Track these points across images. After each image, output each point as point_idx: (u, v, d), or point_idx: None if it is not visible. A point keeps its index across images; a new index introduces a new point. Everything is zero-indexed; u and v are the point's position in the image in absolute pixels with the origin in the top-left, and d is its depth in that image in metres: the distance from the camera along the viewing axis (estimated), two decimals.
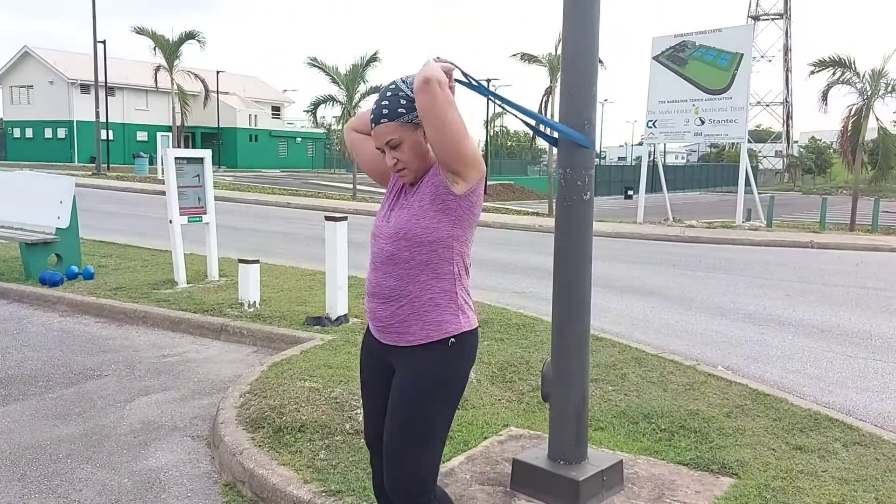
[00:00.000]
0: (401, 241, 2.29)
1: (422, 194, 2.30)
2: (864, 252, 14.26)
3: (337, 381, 4.63)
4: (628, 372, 5.23)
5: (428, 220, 2.26)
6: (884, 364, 6.03)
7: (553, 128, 3.34)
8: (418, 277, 2.29)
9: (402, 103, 2.26)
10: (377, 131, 2.30)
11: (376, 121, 2.29)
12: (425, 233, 2.26)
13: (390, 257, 2.32)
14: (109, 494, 3.55)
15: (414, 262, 2.28)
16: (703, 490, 3.42)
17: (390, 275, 2.32)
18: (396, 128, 2.27)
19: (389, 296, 2.32)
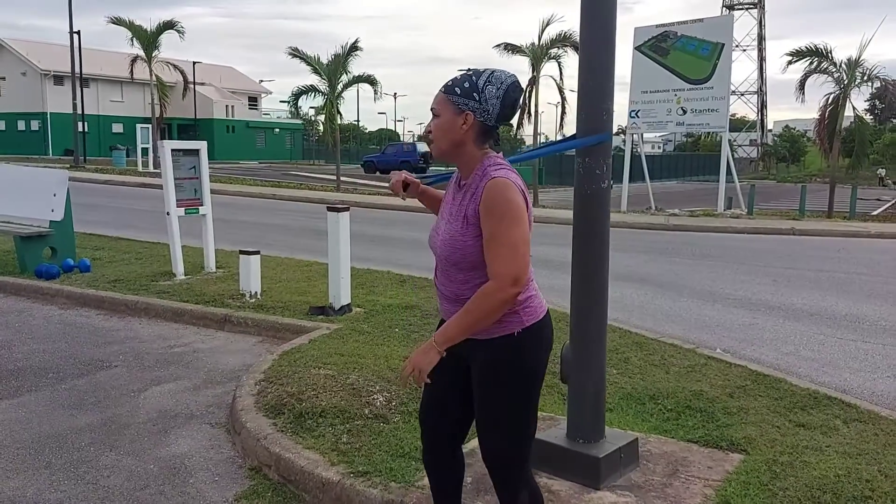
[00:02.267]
0: (449, 264, 2.40)
1: (462, 214, 2.35)
2: (844, 238, 14.58)
3: (351, 369, 4.72)
4: (630, 356, 5.37)
5: (468, 247, 2.33)
6: (873, 346, 6.24)
7: (569, 147, 3.47)
8: (470, 296, 2.34)
9: (464, 86, 2.32)
10: (437, 96, 2.40)
11: (442, 88, 2.39)
12: (465, 257, 2.34)
13: (445, 270, 2.44)
14: (138, 480, 3.62)
15: (468, 284, 2.37)
16: (715, 465, 3.57)
17: (450, 282, 2.43)
18: (442, 100, 2.35)
19: (452, 298, 2.44)
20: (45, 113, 48.61)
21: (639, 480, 3.39)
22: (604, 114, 3.30)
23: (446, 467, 2.74)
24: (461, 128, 2.33)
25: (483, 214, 2.28)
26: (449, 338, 2.29)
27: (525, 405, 2.46)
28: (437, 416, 2.64)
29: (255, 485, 3.59)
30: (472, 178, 2.38)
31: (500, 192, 2.26)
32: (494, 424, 2.45)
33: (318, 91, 26.08)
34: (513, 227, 2.24)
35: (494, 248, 2.25)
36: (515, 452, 2.48)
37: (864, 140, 22.00)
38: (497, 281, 2.23)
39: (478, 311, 2.26)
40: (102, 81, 50.85)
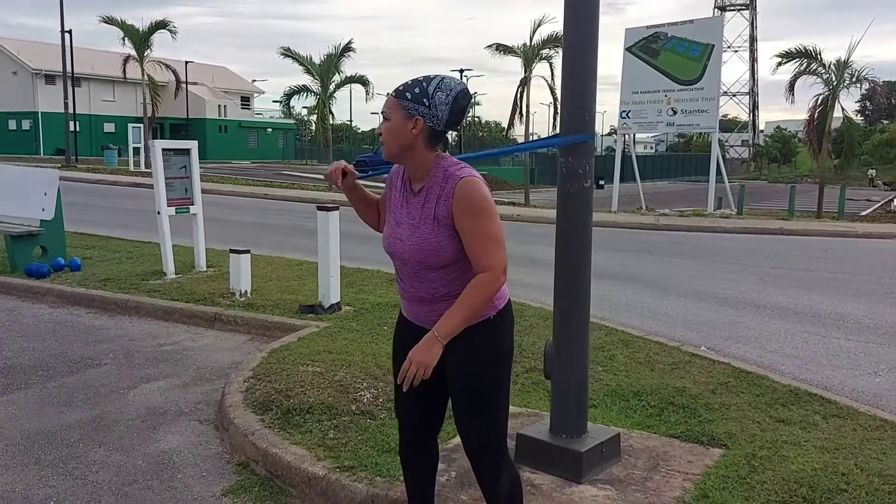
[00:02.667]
0: (422, 267, 2.45)
1: (432, 216, 2.40)
2: (832, 238, 14.71)
3: (339, 366, 4.77)
4: (616, 353, 5.44)
5: (443, 247, 2.39)
6: (856, 343, 6.32)
7: (550, 145, 3.53)
8: (450, 290, 2.45)
9: (414, 91, 2.37)
10: (387, 99, 2.45)
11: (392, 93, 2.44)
12: (441, 258, 2.41)
13: (415, 273, 2.49)
14: (126, 475, 3.67)
15: (442, 280, 2.46)
16: (696, 460, 3.64)
17: (421, 283, 2.49)
18: (393, 104, 2.39)
19: (427, 298, 2.50)
20: (36, 112, 48.42)
21: (620, 474, 3.45)
22: (586, 114, 3.36)
23: (423, 460, 2.81)
24: (411, 132, 2.38)
25: (460, 214, 2.35)
26: (452, 330, 2.36)
27: (506, 384, 2.58)
28: (415, 410, 2.71)
29: (243, 480, 3.64)
30: (430, 179, 2.43)
31: (474, 190, 2.36)
32: (480, 408, 2.53)
33: (310, 91, 26.16)
34: (492, 220, 2.36)
35: (480, 242, 2.35)
36: (501, 433, 2.59)
37: (853, 141, 22.18)
38: (491, 272, 2.34)
39: (477, 302, 2.35)
40: (94, 81, 50.69)
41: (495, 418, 2.57)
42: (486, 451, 2.59)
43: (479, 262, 2.36)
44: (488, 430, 2.57)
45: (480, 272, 2.35)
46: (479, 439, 2.58)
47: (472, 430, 2.58)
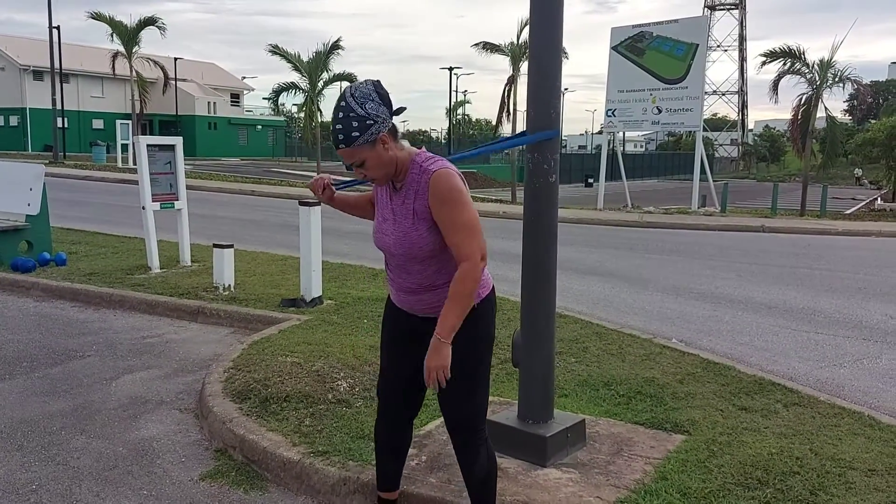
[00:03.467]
0: (407, 259, 2.59)
1: (411, 211, 2.53)
2: (813, 235, 14.93)
3: (317, 356, 4.89)
4: (589, 345, 5.58)
5: (424, 239, 2.53)
6: (824, 336, 6.49)
7: (518, 143, 3.67)
8: (433, 281, 2.60)
9: (354, 125, 2.40)
10: (340, 153, 2.50)
11: (336, 145, 2.49)
12: (422, 250, 2.54)
13: (401, 266, 2.63)
14: (107, 461, 3.77)
15: (426, 272, 2.60)
16: (658, 445, 3.78)
17: (409, 274, 2.63)
18: (355, 151, 2.45)
19: (414, 288, 2.64)
20: (24, 108, 48.18)
21: (584, 459, 3.59)
22: (552, 112, 3.49)
23: (397, 440, 2.95)
24: (386, 150, 2.48)
25: (435, 206, 2.49)
26: (451, 328, 2.49)
27: (486, 365, 2.74)
28: (397, 393, 2.85)
29: (220, 465, 3.75)
30: (408, 177, 2.56)
31: (445, 182, 2.48)
32: (462, 390, 2.67)
33: (298, 88, 26.19)
34: (465, 210, 2.48)
35: (456, 232, 2.48)
36: (481, 410, 2.76)
37: (836, 140, 22.42)
38: (469, 261, 2.47)
39: (464, 294, 2.48)
40: (83, 77, 50.48)
41: (476, 400, 2.72)
42: (466, 432, 2.74)
43: (457, 253, 2.49)
44: (469, 412, 2.71)
45: (461, 263, 2.48)
46: (461, 420, 2.73)
47: (454, 412, 2.73)
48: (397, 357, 2.82)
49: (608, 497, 3.19)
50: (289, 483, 3.52)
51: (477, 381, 2.70)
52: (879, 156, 26.63)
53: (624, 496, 3.19)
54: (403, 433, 2.95)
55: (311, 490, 3.44)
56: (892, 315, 7.35)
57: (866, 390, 5.05)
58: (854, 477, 3.38)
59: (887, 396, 4.94)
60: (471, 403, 2.71)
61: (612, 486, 3.29)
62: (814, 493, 3.23)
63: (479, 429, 2.75)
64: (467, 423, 2.73)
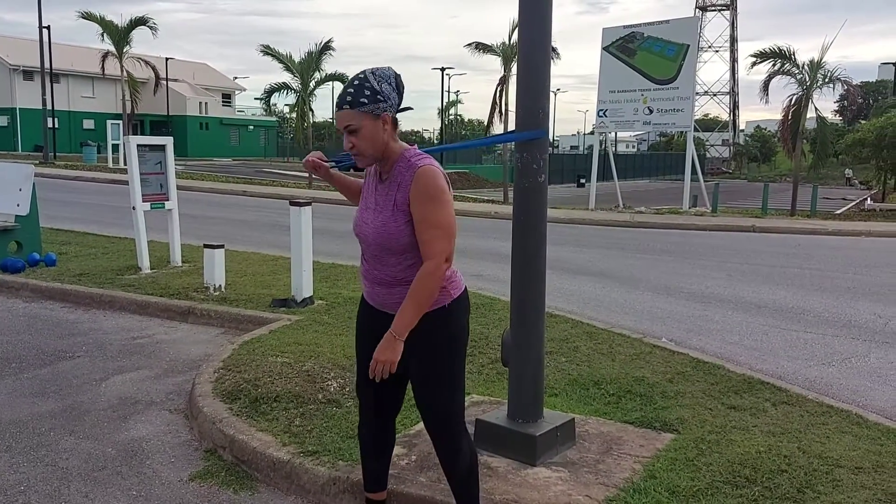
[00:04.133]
0: (382, 250, 2.59)
1: (392, 203, 2.55)
2: (803, 235, 15.00)
3: (307, 357, 4.89)
4: (580, 345, 5.60)
5: (401, 231, 2.54)
6: (813, 336, 6.53)
7: (507, 140, 3.68)
8: (407, 275, 2.60)
9: (366, 94, 2.46)
10: (339, 115, 2.51)
11: (339, 105, 2.51)
12: (398, 242, 2.55)
13: (376, 256, 2.63)
14: (96, 462, 3.76)
15: (400, 265, 2.60)
16: (647, 444, 3.79)
17: (383, 266, 2.63)
18: (356, 115, 2.48)
19: (388, 281, 2.64)
20: (14, 108, 47.88)
21: (574, 457, 3.60)
22: (540, 112, 3.50)
23: (380, 440, 2.95)
24: (383, 129, 2.51)
25: (414, 201, 2.50)
26: (406, 325, 2.51)
27: (460, 363, 2.75)
28: (376, 393, 2.85)
29: (210, 465, 3.74)
30: (395, 169, 2.59)
31: (430, 179, 2.50)
32: (438, 389, 2.69)
33: (290, 89, 26.14)
34: (442, 209, 2.50)
35: (427, 230, 2.49)
36: (458, 407, 2.77)
37: (826, 140, 22.54)
38: (434, 259, 2.49)
39: (425, 292, 2.50)
40: (73, 77, 50.24)
41: (452, 399, 2.73)
42: (445, 430, 2.76)
43: (424, 250, 2.51)
44: (446, 410, 2.73)
45: (426, 260, 2.50)
46: (439, 419, 2.74)
47: (431, 411, 2.74)
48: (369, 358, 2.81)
49: (597, 495, 3.20)
50: (279, 483, 3.52)
51: (454, 380, 2.72)
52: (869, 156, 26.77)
53: (613, 494, 3.20)
54: (386, 433, 2.96)
55: (300, 490, 3.44)
56: (881, 314, 7.39)
57: (854, 389, 5.09)
58: (841, 475, 3.41)
59: (875, 395, 4.97)
60: (449, 402, 2.73)
61: (602, 485, 3.30)
62: (801, 490, 3.25)
63: (458, 426, 2.77)
64: (447, 421, 2.75)
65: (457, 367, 2.74)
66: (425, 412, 2.76)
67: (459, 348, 2.73)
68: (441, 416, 2.74)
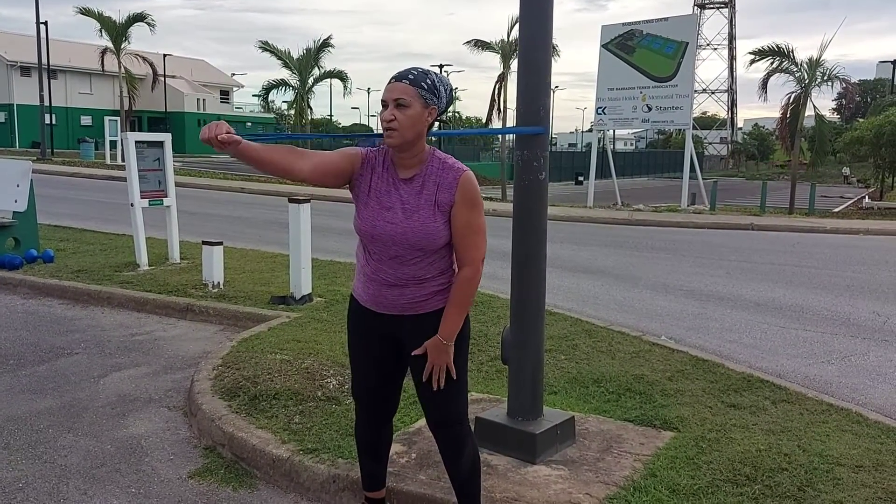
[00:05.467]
0: (411, 250, 2.55)
1: (432, 202, 2.53)
2: (801, 233, 15.00)
3: (306, 354, 4.88)
4: (579, 343, 5.59)
5: (440, 232, 2.54)
6: (812, 334, 6.53)
7: (506, 132, 3.67)
8: (424, 273, 2.60)
9: (428, 83, 2.48)
10: (394, 86, 2.46)
11: (399, 78, 2.48)
12: (436, 242, 2.55)
13: (398, 256, 2.57)
14: (94, 459, 3.75)
15: (421, 264, 2.59)
16: (647, 442, 3.79)
17: (402, 265, 2.58)
18: (412, 92, 2.46)
19: (395, 284, 2.61)
20: (11, 104, 47.77)
21: (574, 455, 3.60)
22: (540, 109, 3.49)
23: (378, 440, 2.95)
24: (426, 120, 2.51)
25: (461, 204, 2.53)
26: (453, 331, 2.59)
27: (466, 362, 2.77)
28: (372, 393, 2.85)
29: (209, 463, 3.73)
30: (427, 169, 2.56)
31: (475, 185, 2.58)
32: (450, 384, 2.68)
33: (288, 85, 26.11)
34: (482, 216, 2.60)
35: (470, 235, 2.54)
36: (464, 407, 2.78)
37: (824, 138, 22.55)
38: (473, 265, 2.56)
39: (468, 299, 2.60)
40: (71, 73, 50.12)
41: (456, 397, 2.73)
42: (449, 428, 2.76)
43: (465, 254, 2.54)
44: (450, 408, 2.73)
45: (464, 265, 2.55)
46: (448, 416, 2.74)
47: (441, 409, 2.74)
48: (367, 358, 2.81)
49: (597, 494, 3.19)
50: (278, 481, 3.51)
51: (462, 377, 2.74)
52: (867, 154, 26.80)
53: (613, 493, 3.19)
54: (383, 433, 2.96)
55: (300, 488, 3.43)
56: (880, 312, 7.40)
57: (854, 387, 5.09)
58: (841, 473, 3.40)
59: (875, 393, 4.97)
60: (457, 399, 2.74)
61: (602, 483, 3.29)
62: (802, 489, 3.25)
63: (464, 422, 2.78)
64: (455, 417, 2.75)
65: (465, 366, 2.75)
66: (434, 411, 2.75)
67: (463, 347, 2.73)
68: (450, 415, 2.74)
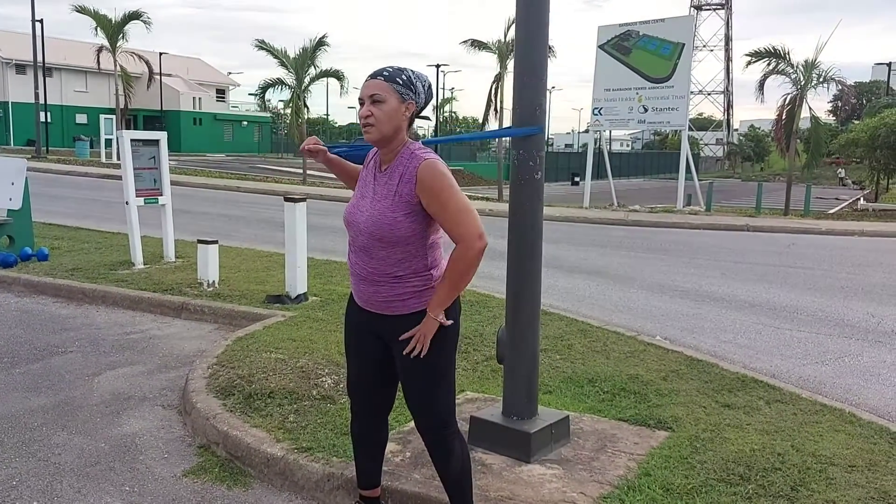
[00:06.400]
0: (373, 240, 2.56)
1: (393, 192, 2.54)
2: (796, 234, 15.04)
3: (301, 353, 4.87)
4: (574, 342, 5.60)
5: (398, 223, 2.52)
6: (807, 334, 6.54)
7: (503, 135, 3.68)
8: (395, 271, 2.58)
9: (403, 78, 2.54)
10: (369, 84, 2.54)
11: (374, 76, 2.55)
12: (393, 233, 2.53)
13: (365, 248, 2.59)
14: (88, 457, 3.74)
15: (389, 259, 2.58)
16: (641, 441, 3.79)
17: (371, 259, 2.60)
18: (387, 88, 2.52)
19: (369, 278, 2.62)
20: (6, 102, 47.62)
21: (568, 454, 3.60)
22: (537, 109, 3.49)
23: (373, 439, 2.95)
24: (403, 114, 2.55)
25: (426, 194, 2.51)
26: (439, 303, 2.56)
27: (452, 364, 2.75)
28: (367, 392, 2.86)
29: (203, 461, 3.73)
30: (397, 160, 2.59)
31: (436, 169, 2.53)
32: (430, 387, 2.68)
33: (285, 84, 26.06)
34: (456, 193, 2.53)
35: (451, 215, 2.51)
36: (450, 410, 2.76)
37: (820, 140, 22.55)
38: (465, 241, 2.49)
39: (456, 273, 2.52)
40: (66, 71, 50.00)
41: (444, 396, 2.72)
42: (437, 428, 2.74)
43: (453, 235, 2.53)
44: (438, 408, 2.72)
45: (456, 244, 2.53)
46: (430, 416, 2.73)
47: (422, 408, 2.73)
48: (361, 356, 2.81)
49: (592, 493, 3.20)
50: (272, 479, 3.51)
51: (447, 378, 2.72)
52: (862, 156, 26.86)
53: (607, 492, 3.20)
54: (378, 432, 2.96)
55: (294, 486, 3.43)
56: (874, 313, 7.42)
57: (847, 387, 5.10)
58: (835, 473, 3.41)
59: (868, 394, 4.99)
60: (442, 399, 2.72)
61: (596, 482, 3.30)
62: (795, 488, 3.26)
63: (451, 424, 2.76)
64: (440, 419, 2.73)
65: (448, 364, 2.72)
66: (416, 410, 2.75)
67: (452, 346, 2.72)
68: (436, 416, 2.73)
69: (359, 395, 2.87)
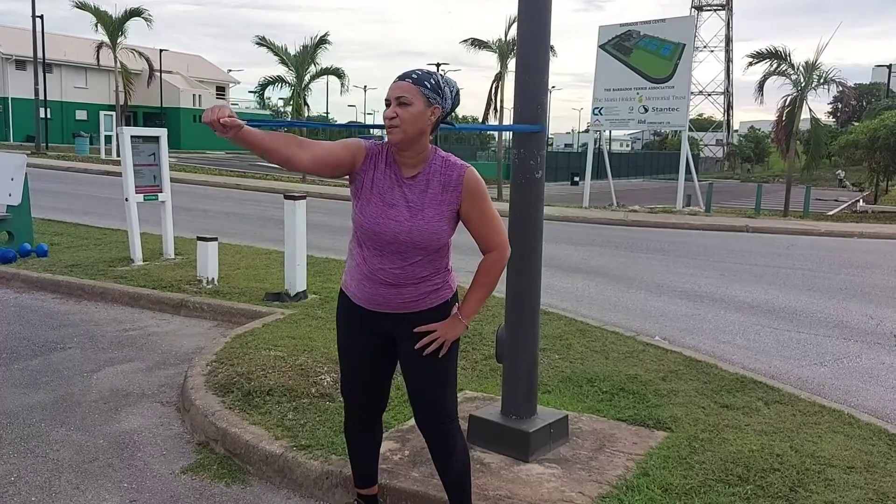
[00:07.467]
0: (415, 248, 2.54)
1: (437, 202, 2.54)
2: (796, 236, 15.06)
3: (301, 351, 4.87)
4: (573, 342, 5.60)
5: (444, 231, 2.56)
6: (805, 335, 6.55)
7: (504, 129, 3.69)
8: (422, 272, 2.60)
9: (432, 82, 2.50)
10: (396, 85, 2.49)
11: (402, 78, 2.51)
12: (439, 241, 2.57)
13: (398, 254, 2.55)
14: (87, 454, 3.74)
15: (422, 263, 2.58)
16: (640, 441, 3.79)
17: (404, 262, 2.57)
18: (415, 90, 2.47)
19: (394, 283, 2.59)
20: (6, 98, 47.60)
21: (567, 454, 3.60)
22: (538, 107, 3.49)
23: (367, 438, 2.95)
24: (429, 119, 2.52)
25: (470, 199, 2.57)
26: (472, 310, 2.65)
27: (455, 362, 2.78)
28: (362, 391, 2.85)
29: (202, 458, 3.72)
30: (429, 167, 2.57)
31: (478, 178, 2.62)
32: (433, 384, 2.70)
33: (285, 82, 26.06)
34: (491, 204, 2.63)
35: (488, 224, 2.60)
36: (452, 407, 2.79)
37: (820, 141, 22.60)
38: (500, 249, 2.62)
39: (492, 282, 2.65)
40: (66, 67, 49.96)
41: (447, 394, 2.74)
42: (444, 424, 2.75)
43: (489, 242, 2.60)
44: (441, 405, 2.73)
45: (491, 252, 2.60)
46: (440, 413, 2.74)
47: (425, 406, 2.73)
48: (358, 355, 2.80)
49: (590, 492, 3.20)
50: (271, 477, 3.51)
51: (453, 372, 2.76)
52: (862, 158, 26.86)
53: (606, 492, 3.20)
54: (374, 431, 2.96)
55: (293, 484, 3.43)
56: (873, 315, 7.43)
57: (846, 389, 5.11)
58: (833, 474, 3.42)
59: (867, 395, 5.00)
60: (448, 396, 2.75)
61: (594, 482, 3.30)
62: (793, 489, 3.26)
63: (454, 420, 2.78)
64: (445, 415, 2.75)
65: (452, 362, 2.74)
66: (426, 409, 2.75)
67: (458, 344, 2.74)
68: (442, 412, 2.74)
69: (355, 394, 2.87)
